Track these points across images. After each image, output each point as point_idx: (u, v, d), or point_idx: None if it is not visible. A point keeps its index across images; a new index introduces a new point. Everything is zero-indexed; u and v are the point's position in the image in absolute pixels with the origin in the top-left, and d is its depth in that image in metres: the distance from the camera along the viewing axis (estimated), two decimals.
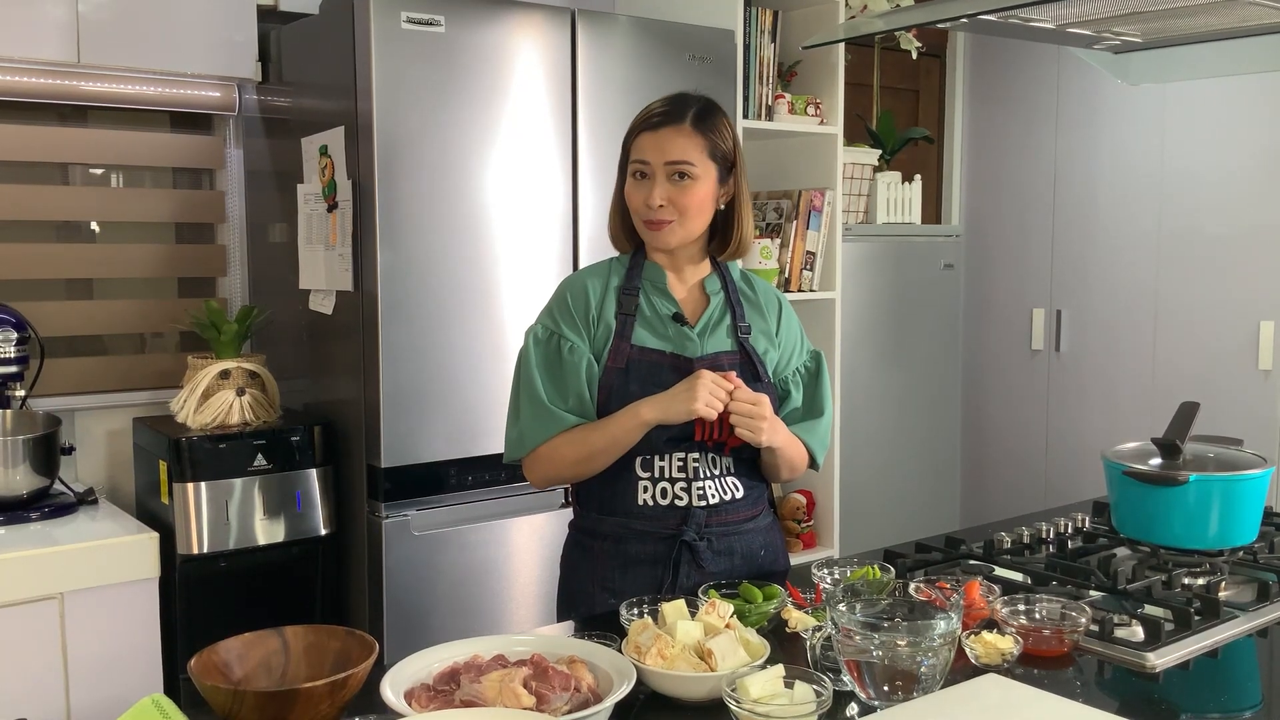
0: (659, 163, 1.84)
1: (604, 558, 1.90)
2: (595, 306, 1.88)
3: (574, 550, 1.97)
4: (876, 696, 1.39)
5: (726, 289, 1.96)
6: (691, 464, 1.87)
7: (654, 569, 1.87)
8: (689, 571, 1.87)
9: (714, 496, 1.88)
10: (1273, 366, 3.46)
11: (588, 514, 1.94)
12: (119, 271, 2.95)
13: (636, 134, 1.87)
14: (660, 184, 1.84)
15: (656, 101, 1.89)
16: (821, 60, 3.43)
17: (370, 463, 2.55)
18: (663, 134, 1.84)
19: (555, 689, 1.34)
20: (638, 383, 1.84)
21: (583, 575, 1.93)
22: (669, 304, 1.91)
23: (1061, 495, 3.87)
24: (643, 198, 1.85)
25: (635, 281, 1.91)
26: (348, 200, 2.54)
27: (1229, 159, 3.56)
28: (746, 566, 1.92)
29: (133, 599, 2.34)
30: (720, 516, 1.89)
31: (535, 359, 1.88)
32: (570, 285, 1.92)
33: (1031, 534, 2.14)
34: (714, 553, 1.89)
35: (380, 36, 2.44)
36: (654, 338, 1.88)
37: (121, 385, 2.90)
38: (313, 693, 1.29)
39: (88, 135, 2.88)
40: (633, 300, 1.89)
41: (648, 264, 1.93)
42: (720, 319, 1.93)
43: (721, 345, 1.91)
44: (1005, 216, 4.26)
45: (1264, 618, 1.74)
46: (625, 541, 1.88)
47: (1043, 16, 2.06)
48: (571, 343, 1.86)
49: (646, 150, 1.85)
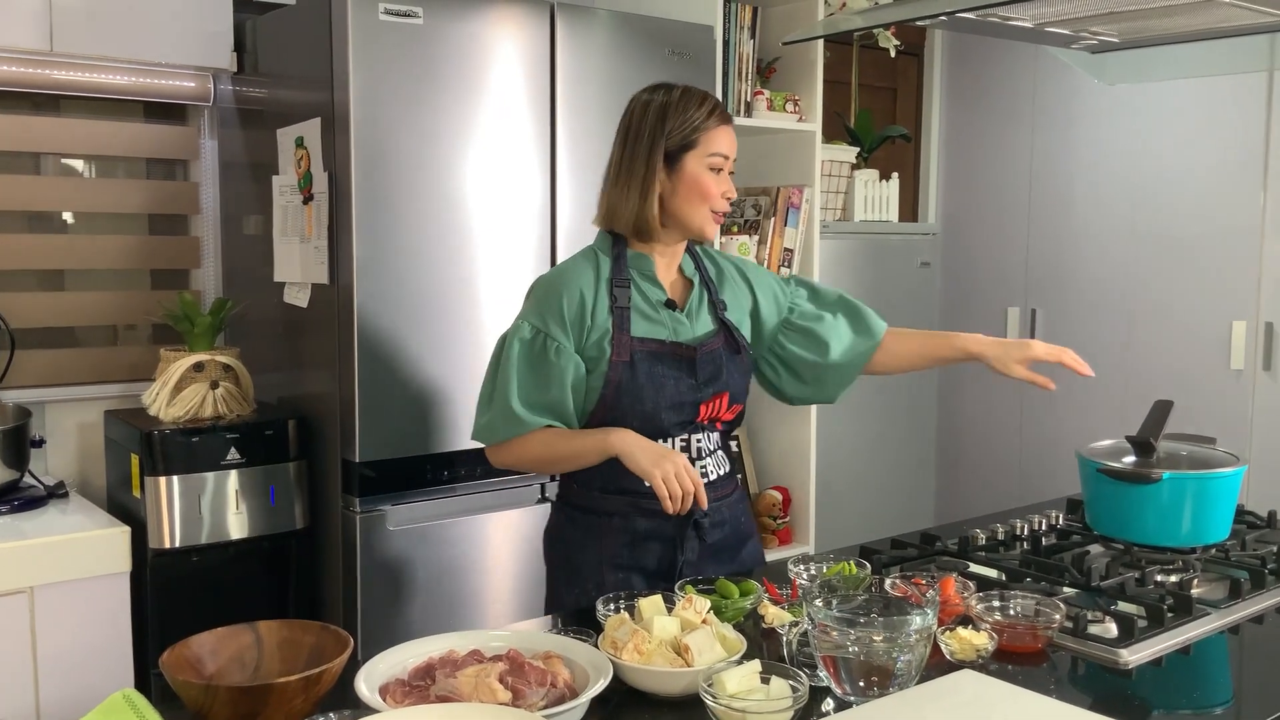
0: (732, 159, 1.92)
1: (612, 535, 1.92)
2: (590, 309, 1.88)
3: (570, 529, 1.98)
4: (852, 692, 1.39)
5: (700, 269, 2.02)
6: (695, 443, 1.94)
7: (663, 545, 1.93)
8: (695, 545, 1.93)
9: (713, 473, 1.97)
10: (1244, 366, 3.49)
11: (589, 492, 1.94)
12: (91, 263, 2.92)
13: (715, 126, 1.89)
14: (727, 177, 1.92)
15: (697, 92, 1.91)
16: (800, 57, 3.43)
17: (345, 457, 2.53)
18: (731, 132, 1.92)
19: (531, 684, 1.34)
20: (644, 373, 1.87)
21: (589, 553, 1.94)
22: (658, 290, 1.94)
23: (1035, 493, 3.90)
24: (723, 189, 1.90)
25: (624, 273, 1.91)
26: (324, 192, 2.52)
27: (1203, 160, 3.58)
28: (734, 533, 2.01)
29: (104, 593, 2.32)
30: (718, 491, 1.97)
31: (516, 356, 1.87)
32: (564, 286, 1.89)
33: (1006, 531, 2.15)
34: (713, 524, 1.96)
35: (358, 27, 2.42)
36: (651, 325, 1.91)
37: (93, 378, 2.88)
38: (286, 688, 1.28)
39: (60, 125, 2.84)
40: (625, 292, 1.90)
41: (633, 254, 1.93)
42: (701, 300, 1.99)
43: (707, 325, 1.97)
44: (981, 215, 4.28)
45: (1236, 615, 1.75)
46: (633, 519, 1.90)
47: (1021, 15, 2.06)
48: (559, 344, 1.86)
49: (724, 144, 1.90)
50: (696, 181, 1.88)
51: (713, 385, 1.93)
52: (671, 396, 1.89)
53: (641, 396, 1.87)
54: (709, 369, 1.92)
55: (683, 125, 1.87)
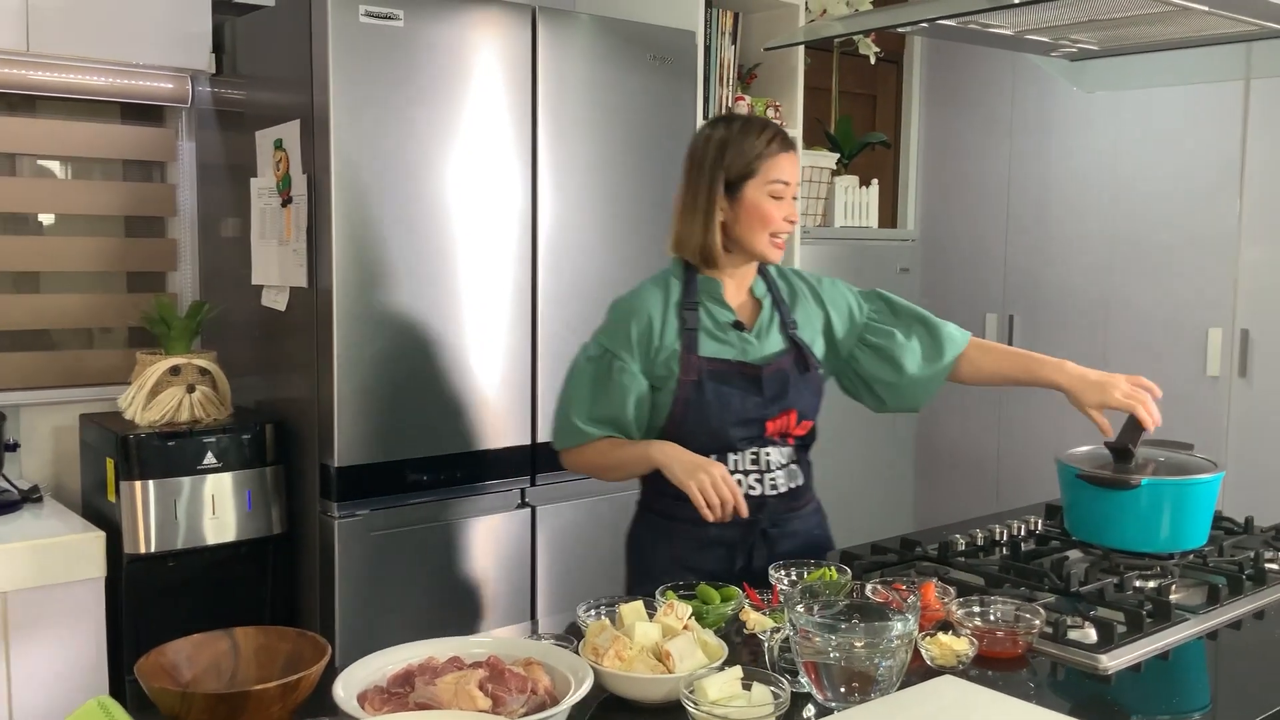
0: (794, 184, 2.01)
1: (682, 539, 2.03)
2: (657, 331, 2.00)
3: (646, 531, 2.12)
4: (834, 698, 1.39)
5: (771, 290, 2.10)
6: (763, 457, 2.02)
7: (729, 550, 2.03)
8: (763, 552, 2.02)
9: (784, 485, 2.05)
10: (1220, 372, 3.52)
11: (662, 497, 2.03)
12: (67, 265, 2.89)
13: (776, 153, 1.98)
14: (789, 202, 2.00)
15: (757, 119, 2.02)
16: (781, 63, 3.44)
17: (323, 461, 2.52)
18: (793, 158, 2.00)
19: (511, 691, 1.33)
20: (711, 391, 1.98)
21: (661, 554, 2.06)
22: (727, 312, 2.04)
23: (1013, 498, 3.90)
24: (783, 214, 1.99)
25: (693, 297, 2.03)
26: (303, 195, 2.51)
27: (1180, 167, 3.61)
28: (806, 545, 2.09)
29: (78, 599, 2.30)
30: (788, 503, 2.06)
31: (584, 372, 2.02)
32: (634, 310, 2.02)
33: (985, 536, 2.16)
34: (782, 534, 2.06)
35: (338, 29, 2.41)
36: (719, 346, 2.01)
37: (68, 381, 2.85)
38: (263, 695, 1.27)
39: (36, 125, 2.82)
40: (694, 315, 2.01)
41: (702, 278, 2.04)
42: (771, 319, 2.07)
43: (777, 344, 2.05)
44: (960, 221, 4.30)
45: (1214, 620, 1.76)
46: (704, 525, 1.95)
47: (1001, 23, 2.07)
48: (624, 364, 1.99)
49: (787, 171, 1.99)
50: (756, 208, 1.98)
51: (779, 403, 2.02)
52: (738, 413, 1.98)
53: (708, 414, 1.97)
54: (775, 387, 2.01)
55: (741, 155, 1.98)
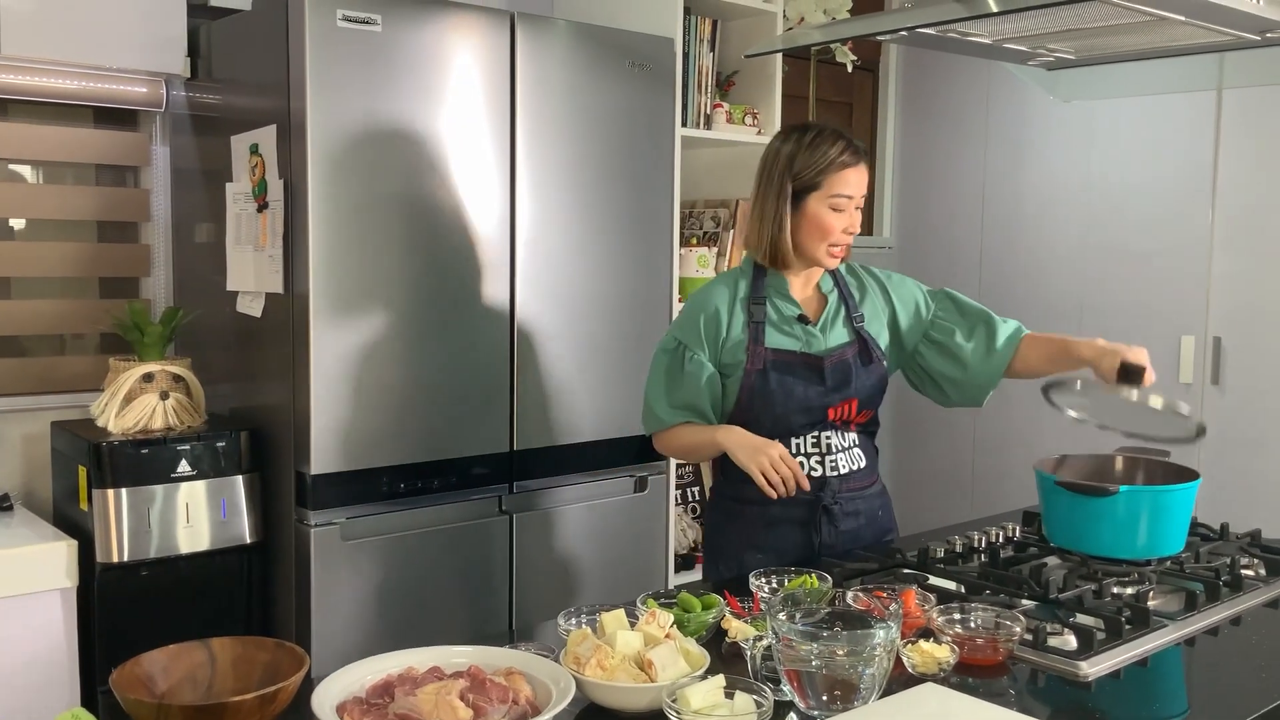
0: (858, 196, 2.10)
1: (751, 520, 2.16)
2: (724, 323, 2.14)
3: (720, 515, 2.25)
4: (816, 706, 1.39)
5: (839, 285, 2.23)
6: (825, 440, 2.15)
7: (795, 529, 2.15)
8: (829, 530, 2.16)
9: (844, 467, 2.17)
10: (1193, 379, 3.55)
11: (733, 482, 2.16)
12: (38, 270, 2.86)
13: (841, 168, 2.07)
14: (851, 214, 2.10)
15: (830, 131, 2.10)
16: (759, 71, 3.45)
17: (299, 469, 2.50)
18: (860, 170, 2.10)
19: (493, 701, 1.32)
20: (775, 380, 2.11)
21: (730, 536, 2.20)
22: (792, 306, 2.17)
23: (988, 505, 3.92)
24: (843, 226, 2.09)
25: (760, 292, 2.16)
26: (279, 200, 2.49)
27: (1153, 176, 3.64)
28: (870, 524, 2.22)
29: (50, 609, 2.27)
30: (850, 483, 2.18)
31: (661, 364, 2.19)
32: (702, 305, 2.17)
33: (964, 543, 2.16)
34: (845, 514, 2.17)
35: (315, 34, 2.40)
36: (784, 338, 2.14)
37: (39, 388, 2.81)
38: (241, 706, 1.26)
39: (8, 129, 2.78)
40: (760, 309, 2.15)
41: (770, 275, 2.17)
42: (837, 313, 2.20)
43: (841, 337, 2.18)
44: (935, 229, 4.32)
45: (1191, 627, 1.77)
46: (770, 505, 2.10)
47: (979, 31, 2.09)
48: (694, 354, 2.14)
49: (851, 185, 2.09)
50: (817, 219, 2.09)
51: (841, 391, 2.14)
52: (800, 401, 2.12)
53: (772, 400, 2.11)
54: (837, 376, 2.13)
55: (808, 169, 2.08)
